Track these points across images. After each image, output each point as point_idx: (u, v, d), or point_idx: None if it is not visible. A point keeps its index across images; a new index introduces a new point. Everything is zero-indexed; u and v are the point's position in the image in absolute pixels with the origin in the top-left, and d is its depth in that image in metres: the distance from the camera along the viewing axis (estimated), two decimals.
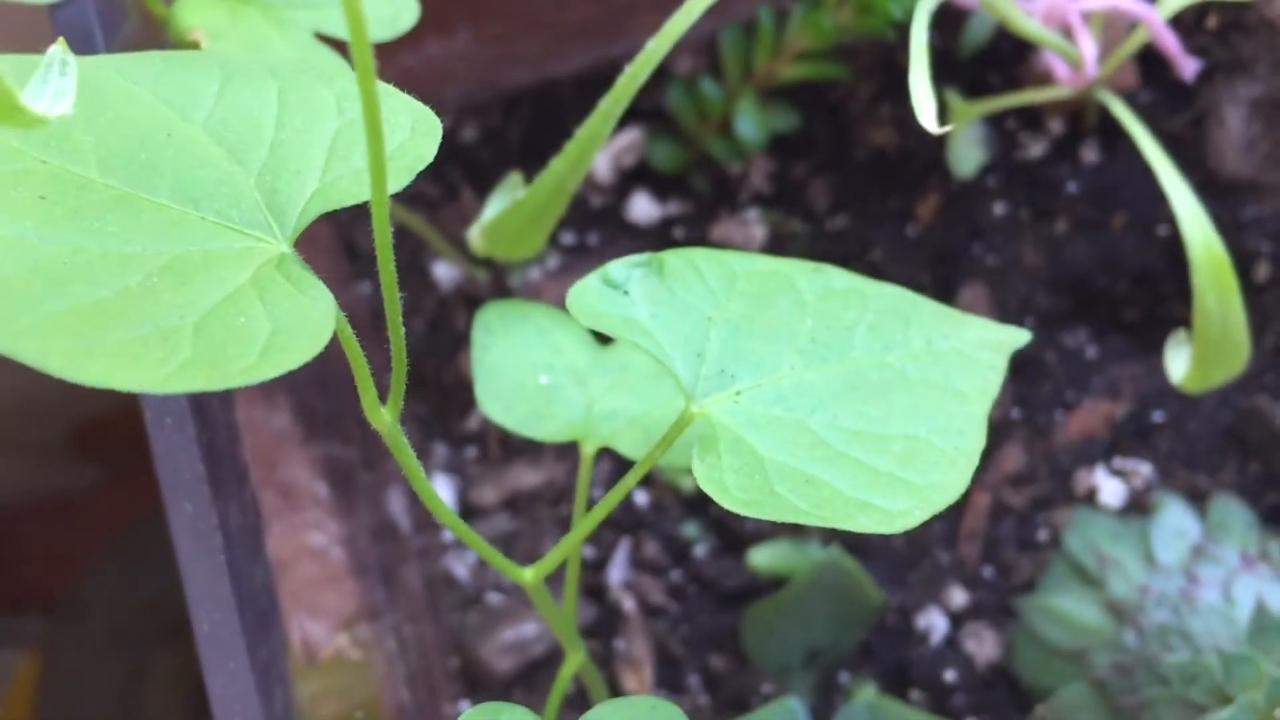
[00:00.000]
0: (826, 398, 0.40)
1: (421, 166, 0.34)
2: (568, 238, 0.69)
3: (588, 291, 0.40)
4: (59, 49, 0.27)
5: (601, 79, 0.69)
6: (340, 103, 0.36)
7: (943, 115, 0.62)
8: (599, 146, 0.50)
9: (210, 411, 0.47)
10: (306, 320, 0.31)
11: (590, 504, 0.59)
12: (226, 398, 0.50)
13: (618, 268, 0.41)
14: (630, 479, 0.40)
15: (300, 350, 0.30)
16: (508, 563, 0.42)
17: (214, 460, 0.46)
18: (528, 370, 0.48)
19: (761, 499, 0.37)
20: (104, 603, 1.06)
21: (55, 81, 0.26)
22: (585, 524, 0.41)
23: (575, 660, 0.47)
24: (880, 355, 0.42)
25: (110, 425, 1.08)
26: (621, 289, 0.40)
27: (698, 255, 0.42)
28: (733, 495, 0.37)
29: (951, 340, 0.43)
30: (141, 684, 1.04)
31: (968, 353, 0.43)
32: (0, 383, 0.94)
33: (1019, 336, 0.45)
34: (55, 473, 1.13)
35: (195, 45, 0.47)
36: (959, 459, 0.39)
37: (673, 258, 0.42)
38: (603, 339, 0.50)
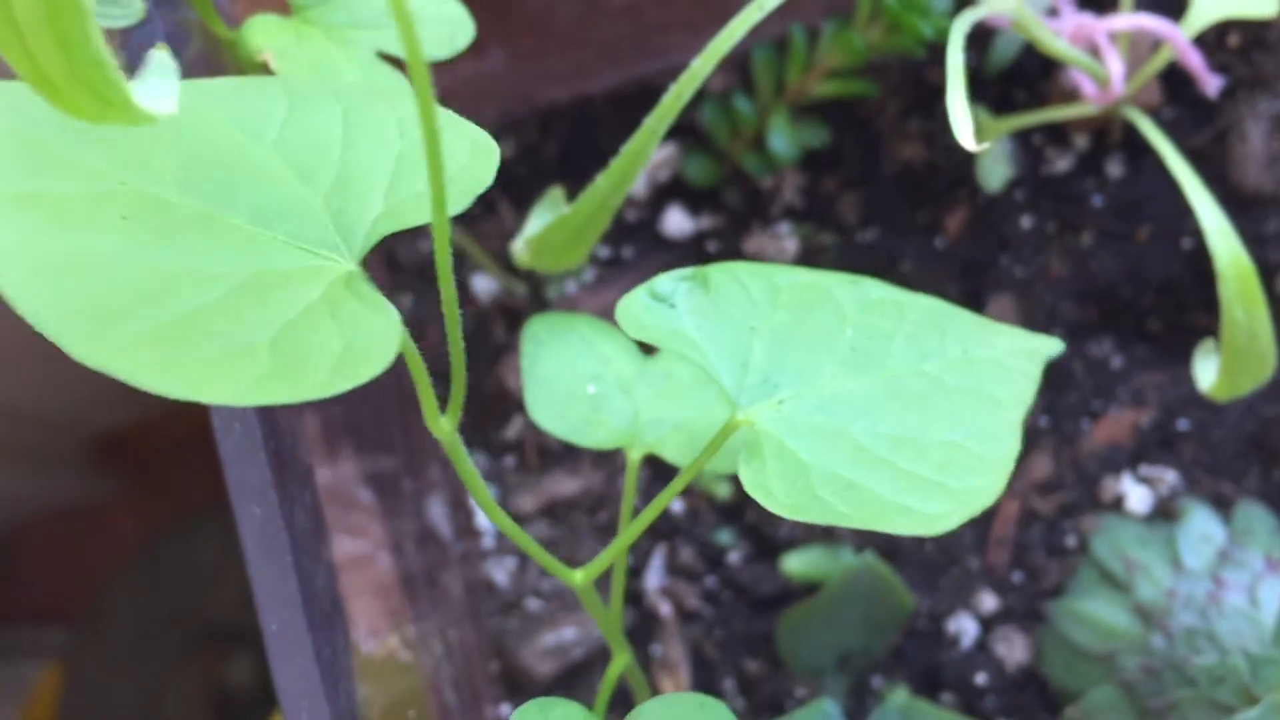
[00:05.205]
0: (866, 406, 0.41)
1: (481, 190, 0.35)
2: (603, 251, 0.70)
3: (635, 304, 0.41)
4: (160, 52, 0.28)
5: (634, 95, 0.71)
6: (402, 126, 0.37)
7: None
8: (643, 163, 0.51)
9: (276, 417, 0.48)
10: (375, 336, 0.32)
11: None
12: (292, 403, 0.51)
13: (664, 281, 0.42)
14: (678, 483, 0.41)
15: (370, 365, 0.31)
16: (559, 565, 0.43)
17: (280, 464, 0.47)
18: (576, 380, 0.50)
19: (805, 503, 0.38)
20: (126, 615, 1.07)
21: (158, 81, 0.28)
22: (635, 527, 0.42)
23: (622, 660, 0.48)
24: (917, 364, 0.43)
25: (129, 438, 1.09)
26: (668, 302, 0.42)
27: (741, 269, 0.43)
28: (778, 499, 0.38)
29: (986, 349, 0.44)
30: (163, 696, 1.04)
31: (1002, 361, 0.44)
32: (20, 396, 0.96)
33: (1052, 345, 0.46)
34: (75, 485, 1.13)
35: (264, 65, 0.49)
36: (995, 464, 0.40)
37: (717, 272, 0.43)
38: (646, 349, 0.52)
